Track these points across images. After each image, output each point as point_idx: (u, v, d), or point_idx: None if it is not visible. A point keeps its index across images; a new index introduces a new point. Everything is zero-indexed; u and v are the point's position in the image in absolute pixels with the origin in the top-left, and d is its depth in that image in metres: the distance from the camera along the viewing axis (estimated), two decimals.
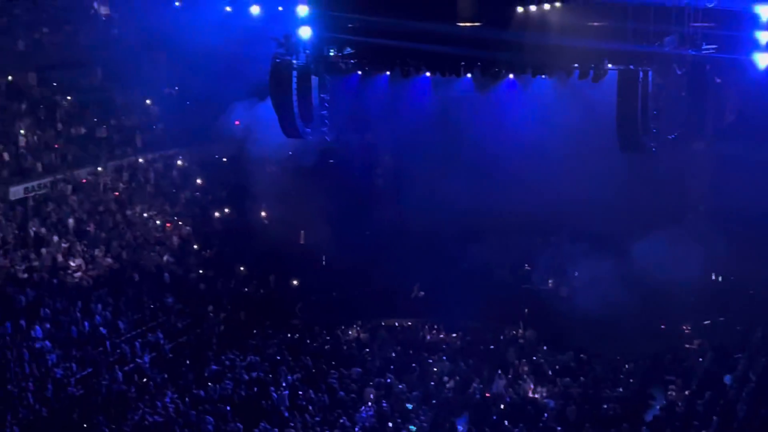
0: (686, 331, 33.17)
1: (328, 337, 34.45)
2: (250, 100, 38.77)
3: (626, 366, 31.29)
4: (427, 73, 33.98)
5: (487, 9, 29.88)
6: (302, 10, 31.99)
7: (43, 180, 38.15)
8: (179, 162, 42.81)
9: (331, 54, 32.92)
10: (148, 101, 43.22)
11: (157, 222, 39.32)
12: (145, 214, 39.27)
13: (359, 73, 34.96)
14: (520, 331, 33.75)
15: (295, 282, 38.29)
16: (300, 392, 29.57)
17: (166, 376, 30.88)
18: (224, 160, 42.88)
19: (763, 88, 30.56)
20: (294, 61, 32.25)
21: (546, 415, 28.36)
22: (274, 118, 33.72)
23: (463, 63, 31.12)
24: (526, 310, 35.03)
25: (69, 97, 42.40)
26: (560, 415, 28.35)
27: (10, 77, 41.82)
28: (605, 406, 28.51)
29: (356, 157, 40.82)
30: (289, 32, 32.40)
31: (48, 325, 31.15)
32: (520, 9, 29.98)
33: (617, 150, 30.19)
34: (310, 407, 28.96)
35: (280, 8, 37.60)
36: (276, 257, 38.87)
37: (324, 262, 39.66)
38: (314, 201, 38.18)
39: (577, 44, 29.14)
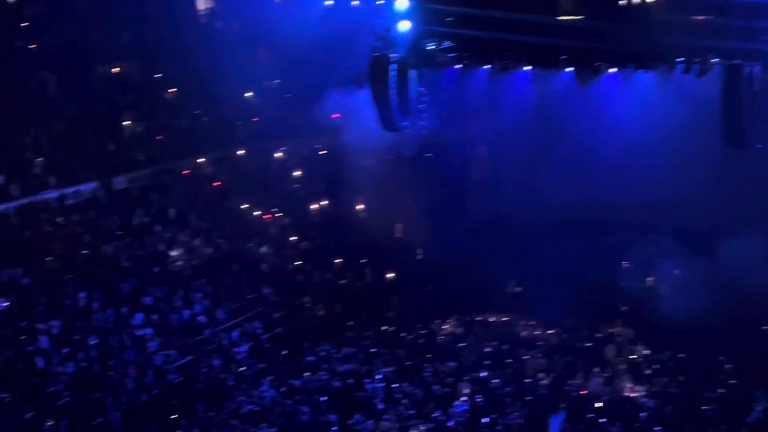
0: None
1: (422, 331, 34.47)
2: (347, 89, 38.90)
3: (726, 366, 30.59)
4: (527, 67, 33.69)
5: (588, 2, 29.50)
6: (401, 4, 32.00)
7: (146, 171, 39.00)
8: (278, 154, 43.27)
9: (430, 47, 32.85)
10: (248, 94, 43.76)
11: (256, 213, 39.82)
12: (243, 206, 39.81)
13: (458, 66, 34.83)
14: (618, 328, 33.27)
15: (390, 275, 38.39)
16: (394, 385, 29.69)
17: (262, 365, 31.31)
18: (322, 152, 43.21)
19: None
20: (392, 55, 32.30)
21: (643, 414, 27.95)
22: (372, 110, 33.84)
23: (563, 56, 30.76)
24: (624, 308, 34.52)
25: (172, 89, 43.20)
26: (658, 415, 27.91)
27: (114, 69, 42.80)
28: (704, 407, 28.00)
29: (453, 151, 40.67)
30: (388, 25, 32.47)
31: (149, 314, 31.86)
32: (622, 2, 29.49)
33: (721, 147, 29.55)
34: (404, 400, 29.06)
35: (380, 1, 37.64)
36: (372, 250, 39.06)
37: (420, 256, 39.68)
38: (411, 194, 38.21)
39: (681, 38, 28.56)
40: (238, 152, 42.22)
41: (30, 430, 26.23)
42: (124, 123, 40.75)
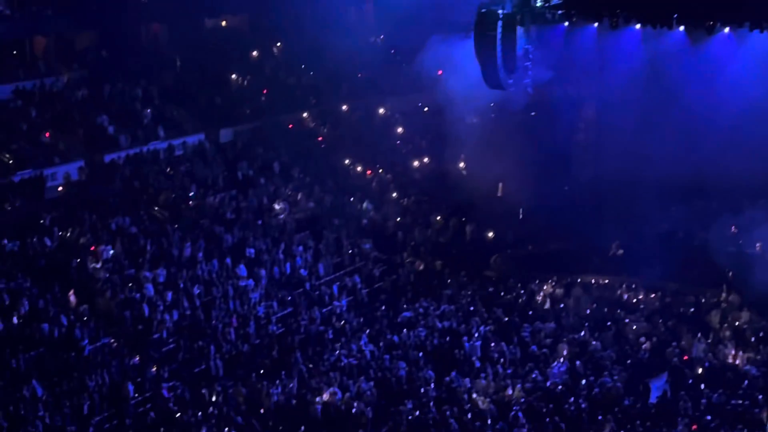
0: None
1: (522, 291, 34.27)
2: (452, 44, 38.57)
3: None
4: (637, 26, 32.90)
5: None
6: None
7: (251, 124, 39.47)
8: (381, 111, 43.32)
9: (539, 4, 32.32)
10: (353, 50, 43.85)
11: (358, 169, 40.01)
12: (346, 161, 40.02)
13: (566, 24, 34.21)
14: (723, 294, 32.57)
15: (491, 234, 38.21)
16: (492, 344, 29.65)
17: (362, 320, 31.59)
18: (425, 109, 43.09)
19: None
20: (500, 11, 31.86)
21: (747, 382, 27.37)
22: (476, 67, 33.51)
23: (675, 15, 29.92)
24: (731, 274, 33.76)
25: (278, 44, 43.50)
26: (762, 383, 27.31)
27: (223, 22, 43.30)
28: None
29: (559, 110, 40.15)
30: None
31: (251, 265, 32.36)
32: None
33: None
34: (502, 359, 29.01)
35: None
36: (473, 208, 38.92)
37: (521, 216, 39.39)
38: (514, 153, 37.83)
39: None
40: (342, 107, 42.39)
41: (135, 375, 26.98)
42: (231, 76, 41.23)
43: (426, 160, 41.51)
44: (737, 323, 30.72)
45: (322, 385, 27.09)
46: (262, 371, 28.34)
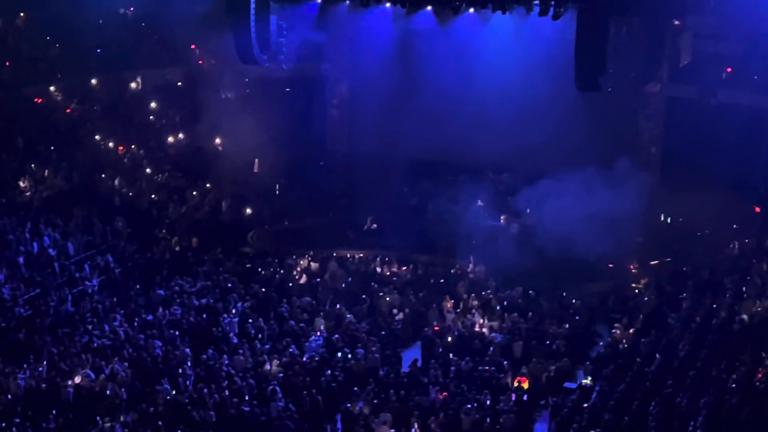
0: (633, 271, 33.59)
1: (279, 267, 34.44)
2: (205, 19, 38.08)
3: (573, 303, 31.66)
4: (387, 4, 33.67)
5: None
6: None
7: None
8: (133, 85, 42.16)
9: None
10: (102, 22, 42.41)
11: (110, 145, 38.82)
12: (96, 137, 38.73)
13: (318, 0, 34.49)
14: (471, 266, 33.98)
15: (248, 210, 38.14)
16: (250, 320, 29.68)
17: (115, 299, 30.81)
18: (179, 84, 42.33)
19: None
20: None
21: (492, 349, 28.74)
22: (231, 42, 33.26)
23: None
24: (477, 245, 35.19)
25: (22, 14, 41.45)
26: (507, 350, 28.76)
27: None
28: (550, 342, 28.98)
29: (314, 87, 40.54)
30: None
31: None
32: None
33: (575, 89, 30.34)
34: (260, 335, 29.12)
35: None
36: (230, 184, 38.67)
37: (277, 191, 39.52)
38: (269, 129, 37.85)
39: None
40: (92, 81, 40.96)
41: None
42: None
43: (181, 135, 40.74)
44: (484, 293, 32.13)
45: (74, 367, 26.25)
46: (8, 355, 27.07)
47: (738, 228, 33.37)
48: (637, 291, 32.61)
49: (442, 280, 33.47)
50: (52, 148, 37.07)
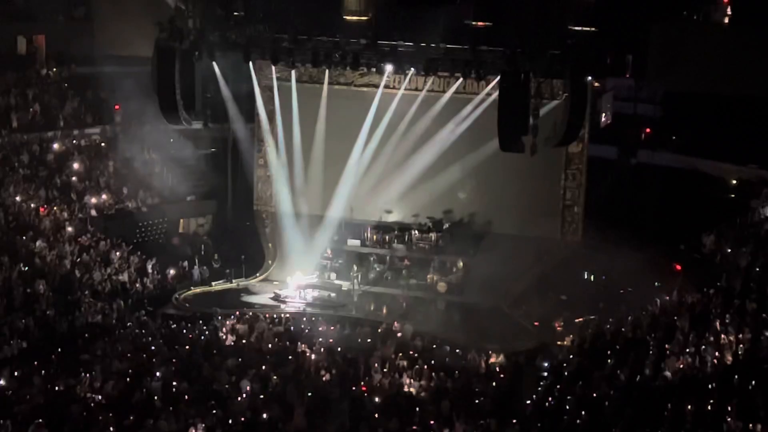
0: (558, 328, 33.83)
1: (205, 328, 33.93)
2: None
3: (500, 360, 31.64)
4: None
5: None
6: None
7: None
8: (56, 146, 41.52)
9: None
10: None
11: (32, 206, 38.04)
12: (17, 198, 37.99)
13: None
14: (397, 325, 33.82)
15: (172, 271, 37.64)
16: (174, 383, 29.10)
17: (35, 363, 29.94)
18: (103, 144, 41.98)
19: None
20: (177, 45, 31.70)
21: (418, 409, 28.45)
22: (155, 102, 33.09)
23: None
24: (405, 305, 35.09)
25: None
26: (434, 409, 28.52)
27: None
28: (477, 401, 28.89)
29: (239, 145, 40.36)
30: (173, 15, 31.96)
31: None
32: None
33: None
34: (185, 397, 28.53)
35: None
36: (155, 245, 38.30)
37: (203, 251, 39.26)
38: (196, 188, 37.51)
39: None
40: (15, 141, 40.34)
41: None
42: None
43: (104, 197, 40.11)
44: (410, 352, 31.98)
45: None
46: None
47: (660, 285, 33.84)
48: (562, 349, 32.78)
49: (369, 340, 33.30)
50: None
